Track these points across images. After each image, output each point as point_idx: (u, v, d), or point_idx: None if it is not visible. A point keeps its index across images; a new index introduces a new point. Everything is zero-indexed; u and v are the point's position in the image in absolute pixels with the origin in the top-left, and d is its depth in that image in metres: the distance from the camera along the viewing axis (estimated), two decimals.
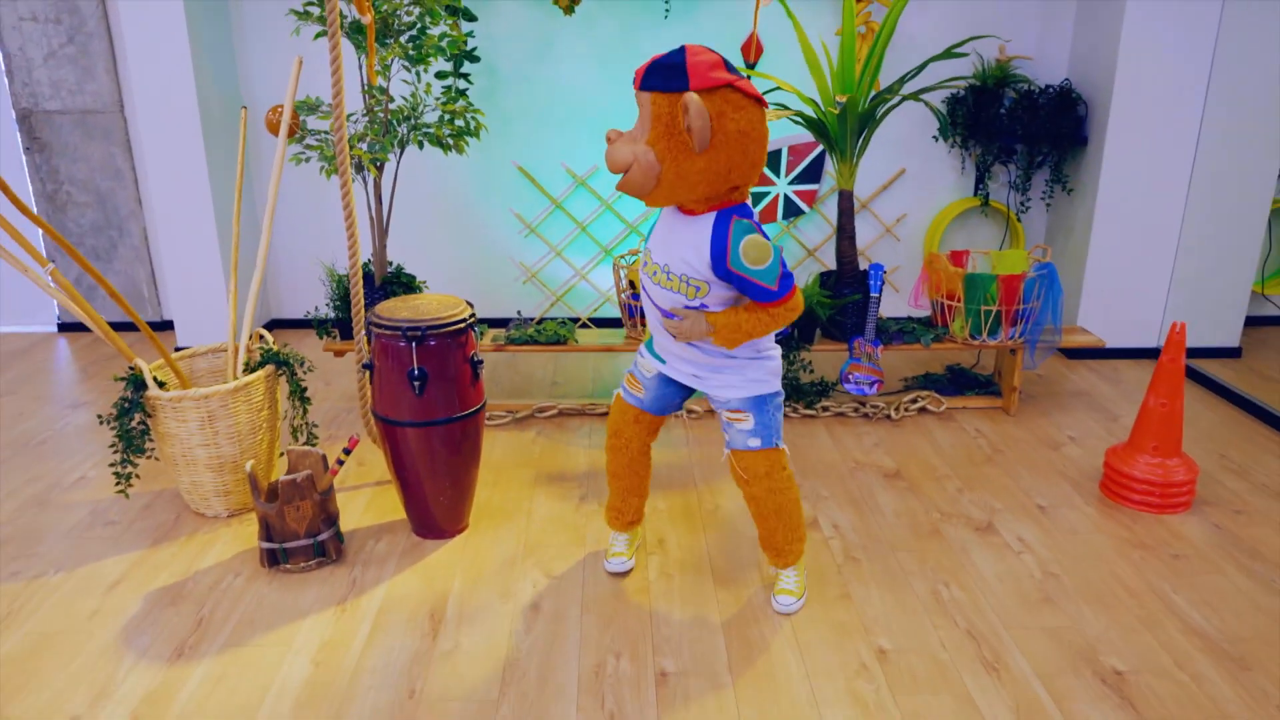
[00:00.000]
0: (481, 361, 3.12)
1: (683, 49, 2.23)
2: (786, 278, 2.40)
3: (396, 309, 3.04)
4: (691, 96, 2.18)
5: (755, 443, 2.65)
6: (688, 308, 2.48)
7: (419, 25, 3.92)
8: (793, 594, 2.82)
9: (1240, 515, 3.38)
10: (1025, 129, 4.90)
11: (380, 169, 3.94)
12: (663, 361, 2.72)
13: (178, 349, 5.05)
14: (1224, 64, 4.57)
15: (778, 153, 5.05)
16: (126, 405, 3.11)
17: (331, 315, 4.19)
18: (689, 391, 2.80)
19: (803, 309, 2.51)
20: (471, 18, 4.72)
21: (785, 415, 4.23)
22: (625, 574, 3.01)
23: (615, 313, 5.35)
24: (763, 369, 2.63)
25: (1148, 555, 3.11)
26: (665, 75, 2.22)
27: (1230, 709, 2.40)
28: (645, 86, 2.25)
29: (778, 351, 2.69)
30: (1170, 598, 2.87)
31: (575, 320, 5.28)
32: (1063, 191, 5.11)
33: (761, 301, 2.40)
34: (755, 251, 2.33)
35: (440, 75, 4.65)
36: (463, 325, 3.01)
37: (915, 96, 3.93)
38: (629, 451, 2.90)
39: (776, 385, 2.66)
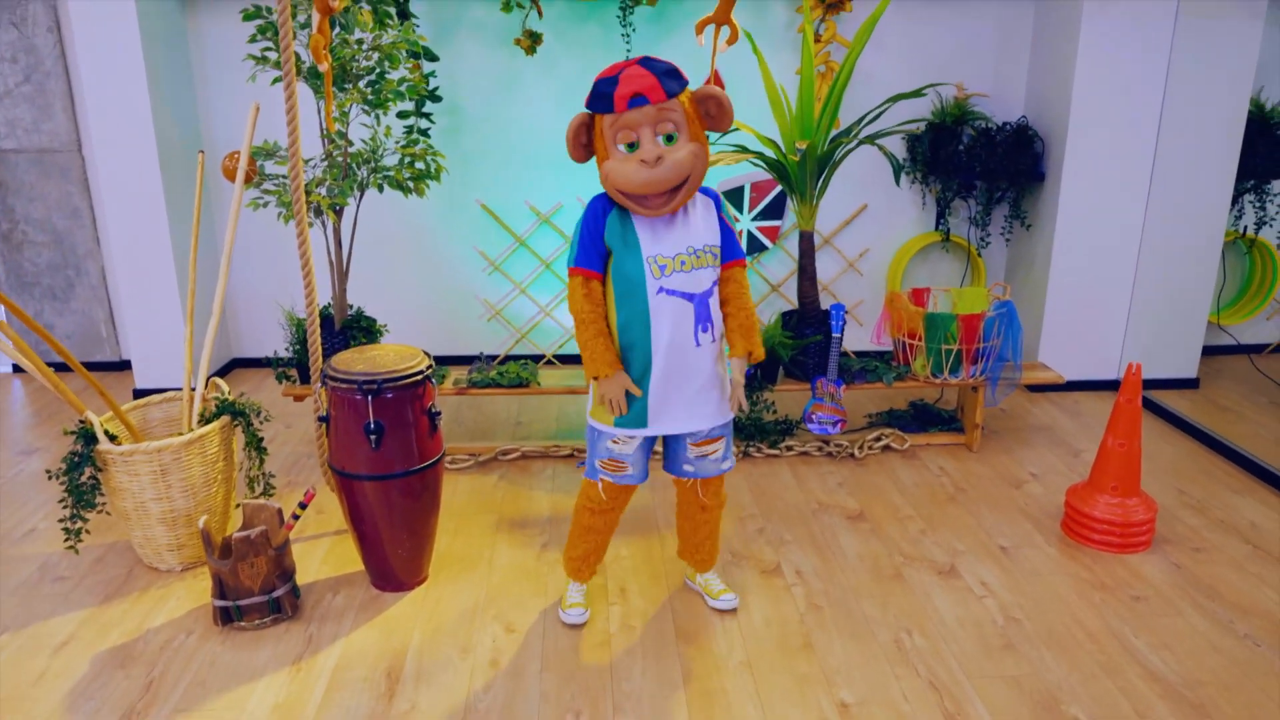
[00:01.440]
0: (439, 413, 3.07)
1: (647, 59, 2.43)
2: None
3: (352, 361, 2.99)
4: (715, 87, 2.46)
5: (727, 464, 2.81)
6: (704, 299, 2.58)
7: (378, 70, 3.87)
8: (729, 590, 3.05)
9: (1199, 553, 3.35)
10: (984, 165, 4.90)
11: (339, 213, 3.89)
12: (643, 425, 2.64)
13: (136, 390, 4.96)
14: (1175, 99, 4.58)
15: (740, 189, 5.05)
16: (76, 460, 3.03)
17: (291, 358, 4.12)
18: (657, 439, 2.83)
19: None
20: (433, 58, 4.69)
21: (749, 455, 4.20)
22: (584, 625, 2.95)
23: (577, 349, 5.31)
24: (728, 383, 2.75)
25: (1108, 597, 3.07)
26: (676, 79, 2.42)
27: None
28: (673, 92, 2.40)
29: None
30: (1130, 641, 2.84)
31: (539, 358, 5.24)
32: (1021, 226, 5.11)
33: (738, 258, 2.67)
34: (727, 206, 2.56)
35: (402, 115, 4.61)
36: (420, 377, 2.96)
37: (872, 140, 3.92)
38: (617, 514, 2.92)
39: None
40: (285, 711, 2.56)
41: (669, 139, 2.42)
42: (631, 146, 2.42)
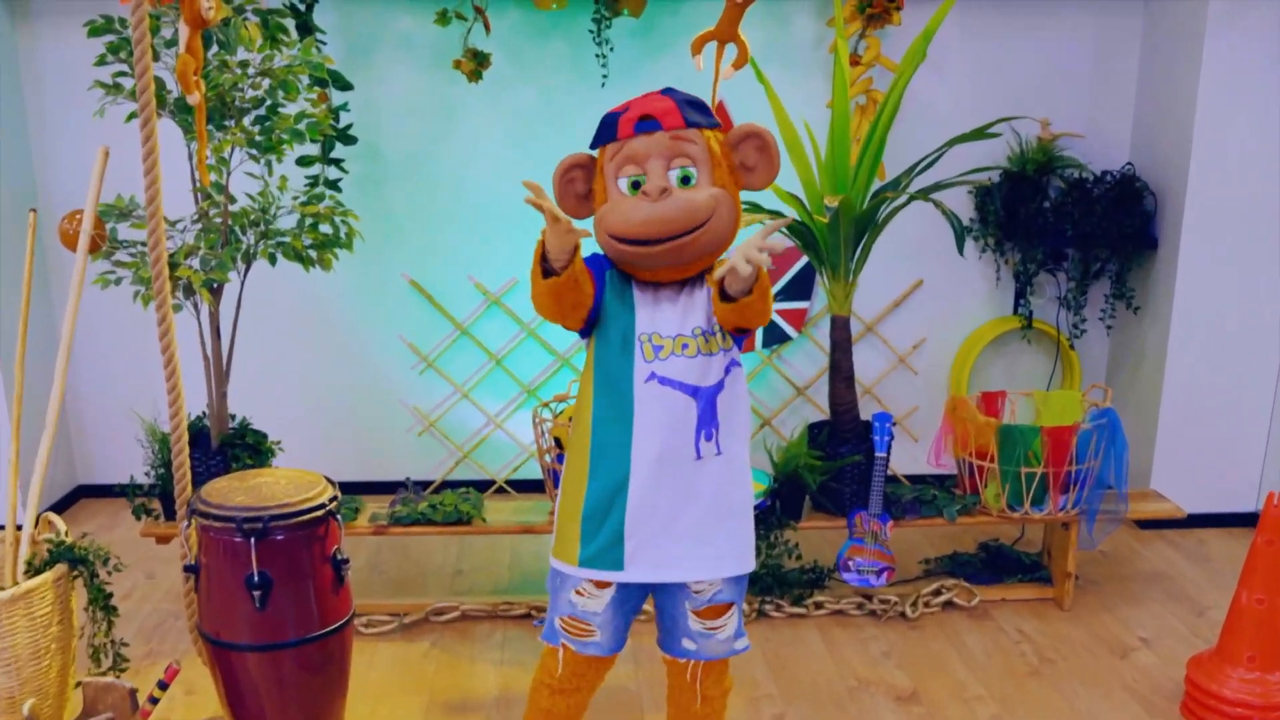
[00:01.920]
0: (348, 560, 3.12)
1: (670, 89, 2.53)
2: None
3: (231, 492, 3.05)
4: (759, 125, 2.52)
5: (741, 644, 2.76)
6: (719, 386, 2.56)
7: (269, 103, 3.98)
8: None
9: None
10: (1077, 228, 5.02)
11: (217, 293, 3.97)
12: (618, 565, 2.56)
13: None
14: None
15: None
16: None
17: (154, 486, 4.17)
18: (643, 597, 2.76)
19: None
20: (345, 86, 4.81)
21: (765, 614, 4.26)
22: None
23: (538, 473, 5.37)
24: (752, 523, 2.69)
25: None
26: (702, 111, 2.49)
27: None
28: (695, 123, 2.45)
29: None
30: None
31: (487, 485, 5.30)
32: (1127, 310, 5.23)
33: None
34: None
35: (304, 162, 4.71)
36: (321, 513, 3.02)
37: (927, 195, 4.03)
38: (585, 696, 2.85)
39: None
40: None
41: (685, 180, 2.45)
42: (636, 185, 2.45)
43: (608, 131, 2.48)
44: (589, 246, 4.72)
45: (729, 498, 2.58)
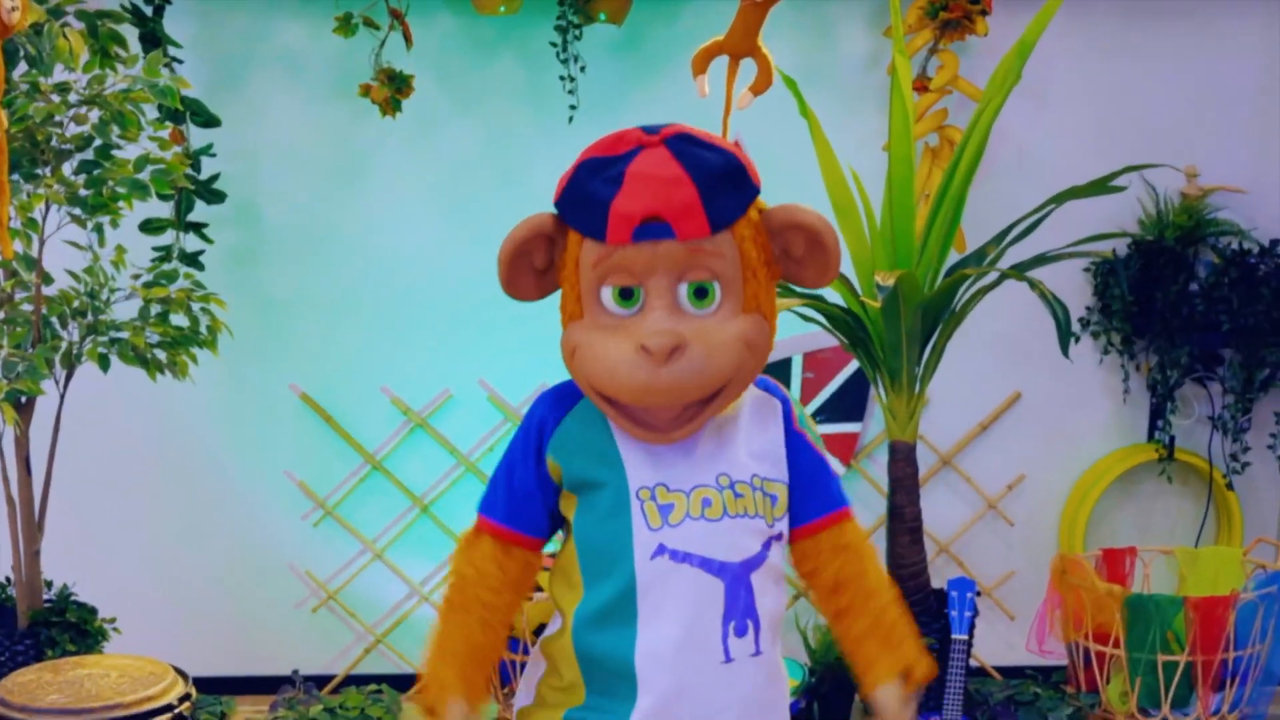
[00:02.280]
0: None
1: (683, 138, 2.17)
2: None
3: (39, 688, 3.05)
4: (803, 208, 2.25)
5: None
6: (767, 552, 2.35)
7: (98, 142, 4.00)
8: None
9: None
10: (1237, 319, 5.05)
11: (26, 409, 3.98)
12: None
13: None
14: None
15: (785, 363, 5.18)
16: None
17: None
18: None
19: None
20: (211, 122, 4.82)
21: None
22: None
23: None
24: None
25: None
26: (739, 188, 2.20)
27: None
28: (727, 220, 2.17)
29: None
30: None
31: (411, 680, 5.28)
32: None
33: (839, 506, 2.44)
34: (807, 418, 2.38)
35: (150, 227, 4.71)
36: (167, 718, 3.02)
37: (1020, 275, 4.05)
38: None
39: None
40: None
41: (701, 293, 2.20)
42: (629, 300, 2.20)
43: (588, 215, 2.18)
44: (502, 368, 4.76)
45: (767, 712, 2.42)
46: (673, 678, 2.25)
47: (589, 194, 2.16)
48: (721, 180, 2.12)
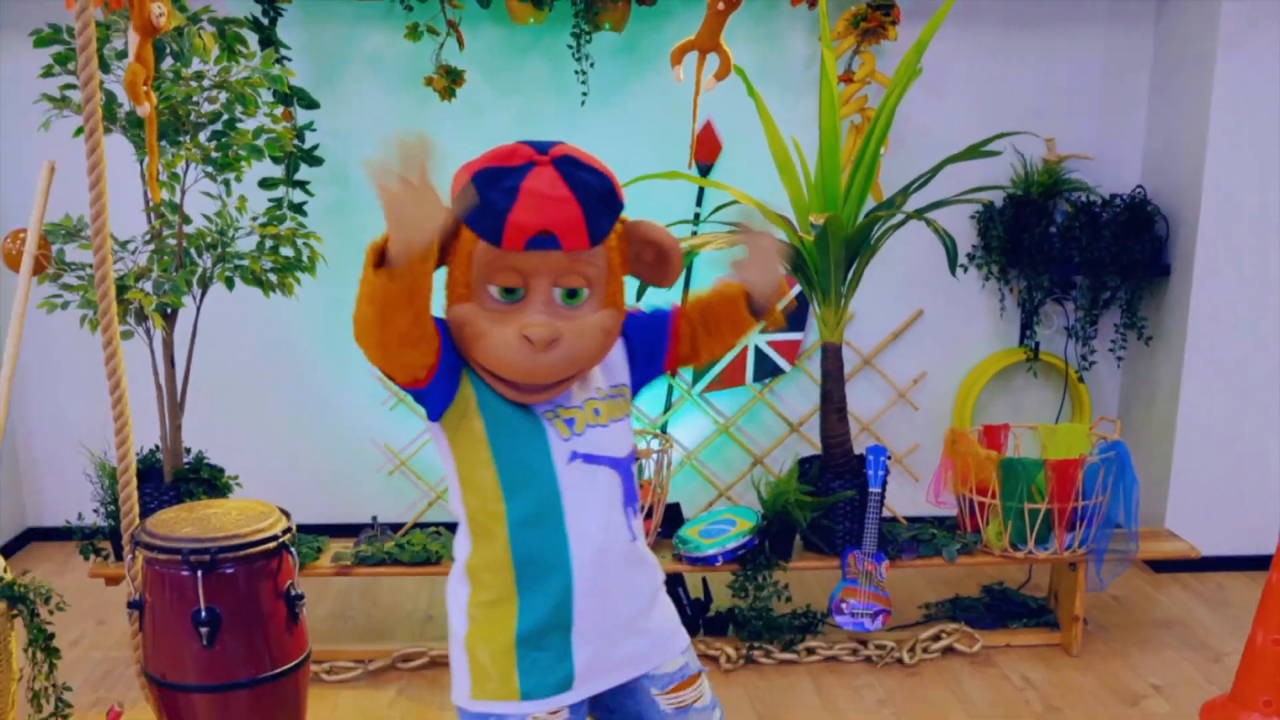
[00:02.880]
0: (302, 596, 3.10)
1: (569, 160, 2.05)
2: None
3: (178, 522, 3.04)
4: (658, 228, 2.19)
5: (718, 715, 2.47)
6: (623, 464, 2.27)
7: (226, 117, 3.98)
8: None
9: None
10: (1085, 254, 5.03)
11: (170, 318, 3.96)
12: (567, 686, 2.23)
13: None
14: None
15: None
16: None
17: (103, 524, 4.15)
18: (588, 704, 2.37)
19: None
20: (311, 104, 4.81)
21: (754, 660, 4.23)
22: None
23: None
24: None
25: None
26: (610, 207, 2.10)
27: None
28: (601, 236, 2.08)
29: None
30: None
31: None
32: (1139, 341, 5.24)
33: (670, 310, 2.37)
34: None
35: (267, 184, 4.70)
36: (273, 545, 3.01)
37: (920, 215, 4.03)
38: None
39: None
40: None
41: (572, 294, 2.10)
42: (512, 293, 2.07)
43: (486, 224, 2.02)
44: None
45: (656, 576, 2.39)
46: (598, 561, 2.19)
47: (488, 203, 2.01)
48: (600, 202, 2.04)
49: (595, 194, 2.03)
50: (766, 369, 5.24)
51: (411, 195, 1.84)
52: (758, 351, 5.20)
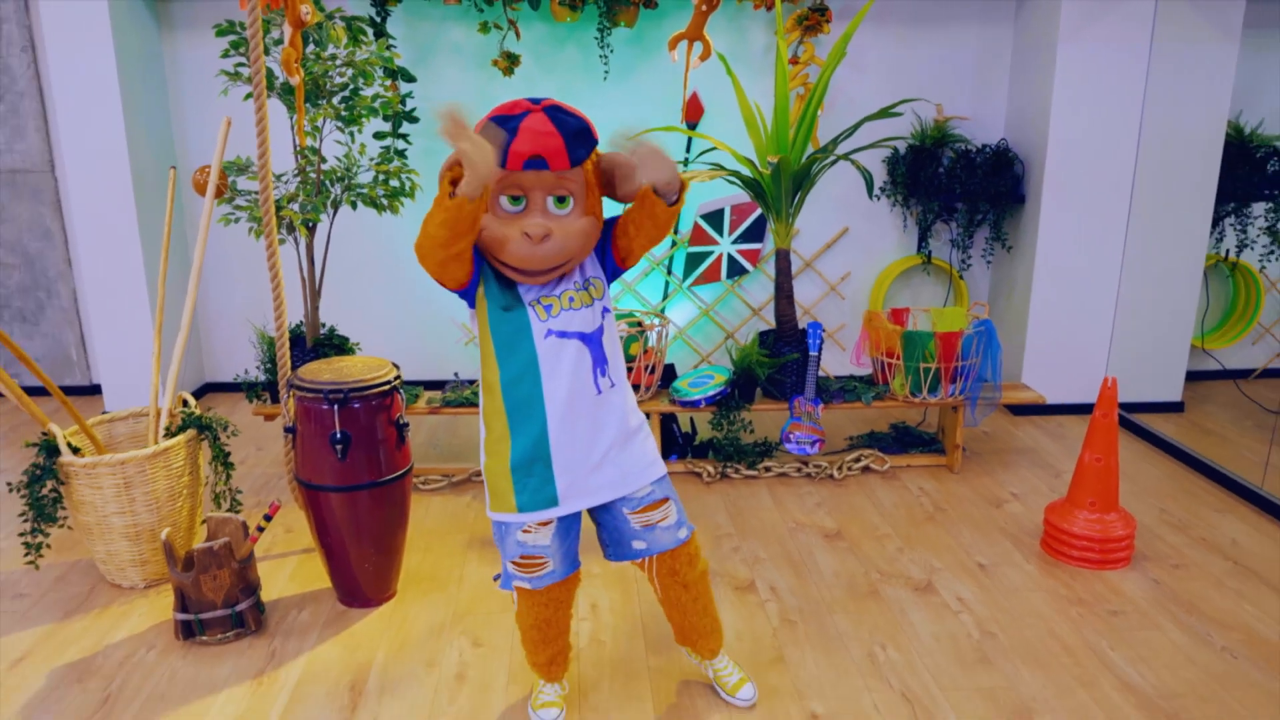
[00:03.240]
0: (407, 424, 3.07)
1: (556, 110, 2.10)
2: None
3: (319, 371, 2.99)
4: (620, 154, 2.20)
5: (684, 532, 2.45)
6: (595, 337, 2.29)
7: (351, 87, 3.90)
8: (746, 679, 2.65)
9: (1178, 569, 3.36)
10: (964, 187, 4.94)
11: (312, 230, 3.91)
12: (553, 503, 2.31)
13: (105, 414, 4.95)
14: (1153, 122, 4.64)
15: (720, 212, 5.08)
16: (38, 472, 3.02)
17: (262, 378, 4.13)
18: (579, 519, 2.45)
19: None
20: (410, 79, 4.72)
21: (727, 476, 4.20)
22: None
23: None
24: (651, 435, 2.46)
25: (1086, 612, 3.07)
26: (586, 141, 2.13)
27: None
28: (579, 160, 2.12)
29: None
30: (1107, 655, 2.84)
31: None
32: (1003, 249, 5.15)
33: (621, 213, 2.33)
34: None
35: (379, 135, 4.64)
36: (387, 387, 2.97)
37: (846, 157, 3.95)
38: (563, 615, 2.52)
39: None
40: None
41: (561, 200, 2.15)
42: (517, 201, 2.14)
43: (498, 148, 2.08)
44: None
45: (628, 423, 2.35)
46: (565, 408, 2.25)
47: (501, 140, 2.07)
48: (577, 137, 2.09)
49: (573, 130, 2.08)
50: (736, 269, 5.16)
51: (476, 145, 1.93)
52: (729, 257, 5.12)
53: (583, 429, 2.28)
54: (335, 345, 4.08)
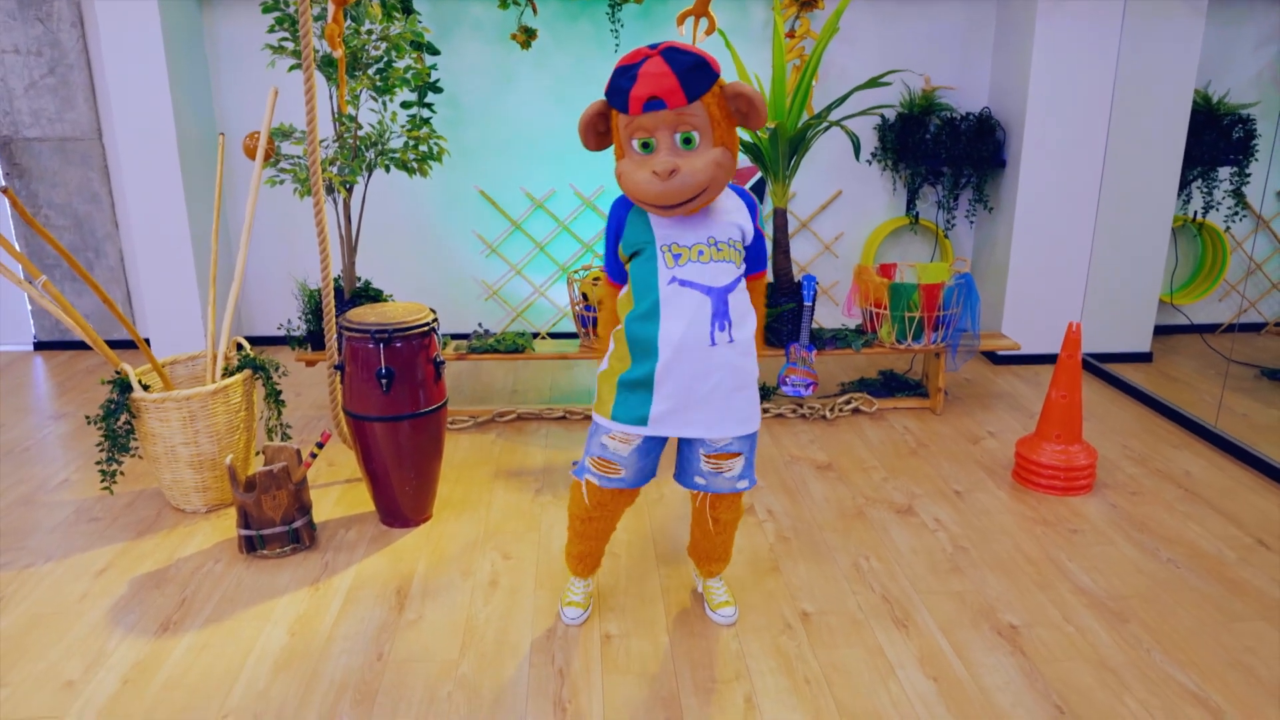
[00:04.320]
0: (444, 363, 3.35)
1: (672, 50, 2.20)
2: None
3: (365, 314, 3.27)
4: (745, 84, 2.25)
5: (744, 484, 2.60)
6: (730, 291, 2.40)
7: (386, 59, 4.15)
8: (731, 603, 2.85)
9: (1135, 496, 3.66)
10: (949, 153, 5.19)
11: (350, 190, 4.17)
12: (643, 423, 2.47)
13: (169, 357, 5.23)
14: (1125, 91, 4.89)
15: None
16: (113, 406, 3.31)
17: (303, 328, 4.40)
18: (663, 445, 2.60)
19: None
20: (435, 52, 4.95)
21: None
22: (580, 625, 2.85)
23: (572, 327, 5.58)
24: (756, 393, 2.55)
25: (1049, 530, 3.37)
26: (702, 76, 2.19)
27: (1107, 652, 2.67)
28: (696, 95, 2.19)
29: None
30: (1065, 565, 3.14)
31: (535, 335, 5.51)
32: (985, 210, 5.41)
33: (759, 269, 2.52)
34: (762, 215, 2.44)
35: (406, 105, 4.87)
36: (426, 329, 3.24)
37: (836, 123, 4.21)
38: (610, 522, 2.73)
39: None
40: (307, 620, 2.85)
41: (688, 140, 2.23)
42: (647, 145, 2.24)
43: (619, 100, 2.23)
44: (582, 178, 4.77)
45: (738, 375, 2.44)
46: (676, 350, 2.37)
47: (618, 87, 2.23)
48: (691, 71, 2.16)
49: (687, 67, 2.16)
50: None
51: None
52: None
53: (689, 372, 2.39)
54: (371, 296, 4.35)
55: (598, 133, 2.35)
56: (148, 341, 5.68)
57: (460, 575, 3.10)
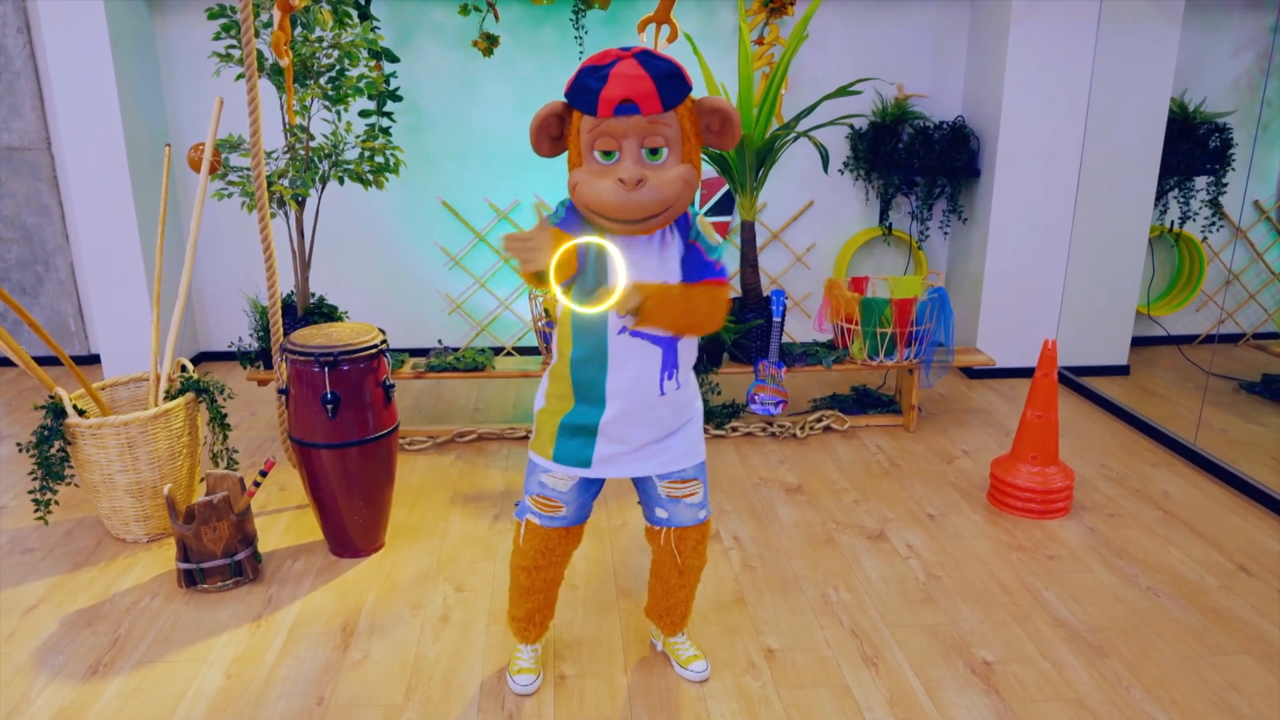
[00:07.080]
0: (393, 386, 3.21)
1: (646, 54, 2.03)
2: (724, 267, 2.26)
3: (310, 336, 3.13)
4: (721, 99, 2.09)
5: (703, 514, 2.49)
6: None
7: (338, 68, 4.02)
8: (700, 656, 2.68)
9: (1113, 518, 3.54)
10: (923, 162, 5.09)
11: (301, 204, 4.03)
12: (586, 465, 2.35)
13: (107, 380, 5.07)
14: (1100, 100, 4.80)
15: None
16: (46, 433, 3.16)
17: (255, 346, 4.26)
18: (602, 483, 2.48)
19: (726, 310, 2.26)
20: (394, 59, 4.83)
21: None
22: (532, 694, 2.61)
23: (534, 341, 5.46)
24: (700, 423, 2.46)
25: (1025, 556, 3.26)
26: (678, 85, 2.03)
27: (1085, 691, 2.55)
28: (672, 104, 2.02)
29: None
30: (1041, 594, 3.02)
31: (499, 349, 5.38)
32: (959, 220, 5.30)
33: (708, 278, 2.22)
34: (708, 231, 2.21)
35: (364, 114, 4.74)
36: (374, 351, 3.11)
37: (804, 134, 4.10)
38: (556, 570, 2.56)
39: None
40: (246, 661, 2.70)
41: (654, 153, 2.04)
42: (609, 155, 2.05)
43: (586, 101, 2.03)
44: (547, 189, 4.70)
45: (681, 415, 2.35)
46: (625, 401, 2.25)
47: (585, 86, 2.01)
48: (669, 79, 1.99)
49: (664, 73, 1.99)
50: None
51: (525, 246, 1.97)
52: None
53: (636, 421, 2.29)
54: (324, 313, 4.22)
55: (552, 137, 2.12)
56: (97, 358, 5.52)
57: (410, 610, 2.96)
